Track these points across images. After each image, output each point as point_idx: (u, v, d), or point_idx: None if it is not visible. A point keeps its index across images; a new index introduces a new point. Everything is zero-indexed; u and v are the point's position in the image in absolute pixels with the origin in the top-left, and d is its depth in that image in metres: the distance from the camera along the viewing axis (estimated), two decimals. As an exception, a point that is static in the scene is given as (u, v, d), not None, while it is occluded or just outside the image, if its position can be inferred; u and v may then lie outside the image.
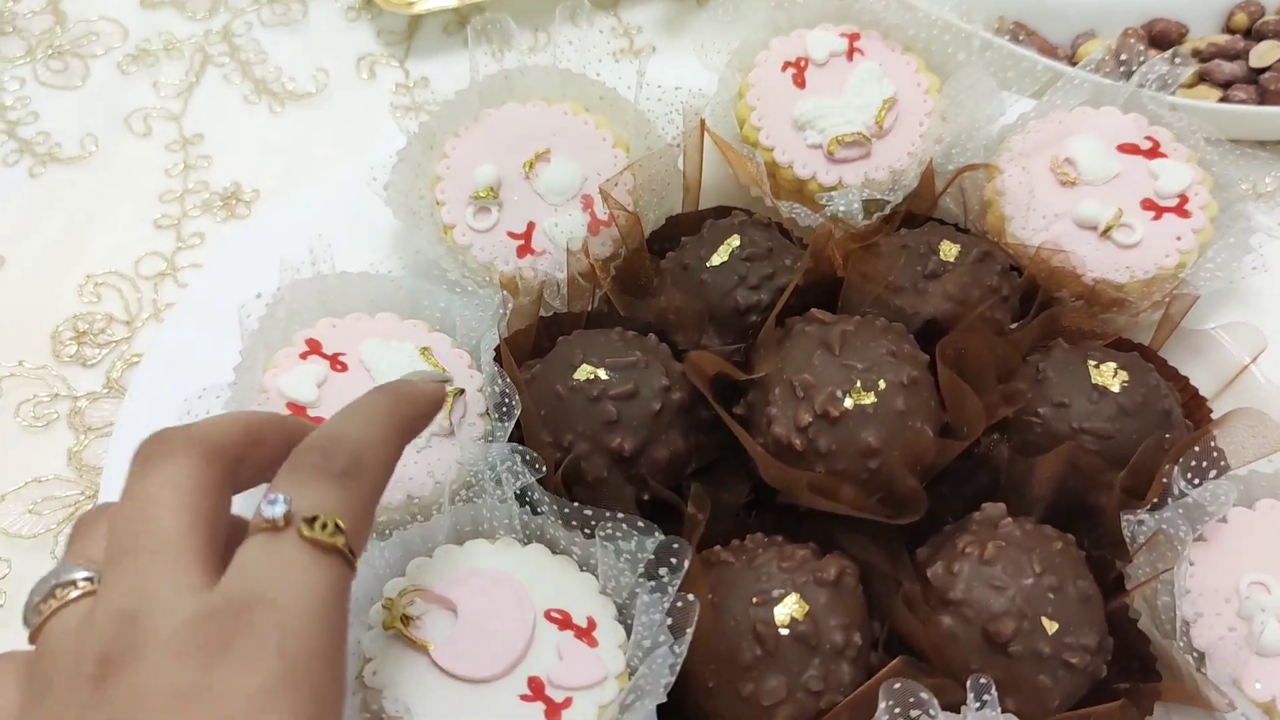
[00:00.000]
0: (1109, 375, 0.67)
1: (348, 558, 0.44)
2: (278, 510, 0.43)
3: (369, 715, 0.56)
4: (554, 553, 0.62)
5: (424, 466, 0.67)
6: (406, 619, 0.58)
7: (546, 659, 0.57)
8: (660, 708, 0.61)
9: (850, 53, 0.84)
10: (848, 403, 0.63)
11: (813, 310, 0.68)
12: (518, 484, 0.65)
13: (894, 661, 0.58)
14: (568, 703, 0.56)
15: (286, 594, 0.41)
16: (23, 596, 0.71)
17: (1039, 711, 0.58)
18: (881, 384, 0.63)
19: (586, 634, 0.58)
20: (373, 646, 0.58)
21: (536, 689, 0.56)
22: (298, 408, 0.68)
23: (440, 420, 0.67)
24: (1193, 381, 0.72)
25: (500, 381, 0.68)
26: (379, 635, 0.58)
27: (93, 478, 0.77)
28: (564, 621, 0.59)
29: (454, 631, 0.58)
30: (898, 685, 0.55)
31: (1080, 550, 0.63)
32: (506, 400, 0.68)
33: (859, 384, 0.63)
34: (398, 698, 0.56)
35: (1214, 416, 0.69)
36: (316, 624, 0.41)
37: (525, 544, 0.62)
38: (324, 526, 0.43)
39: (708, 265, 0.73)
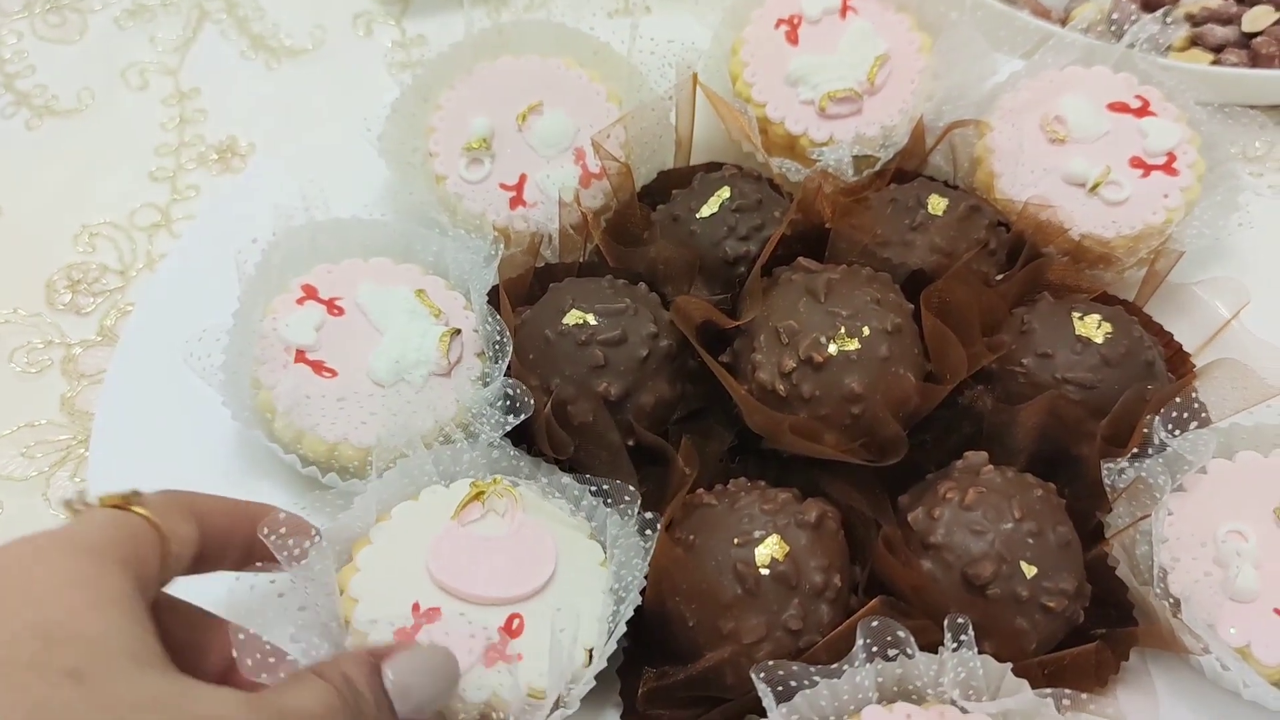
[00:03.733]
0: (1093, 327, 0.67)
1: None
2: None
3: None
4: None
5: (424, 405, 0.67)
6: (481, 494, 0.62)
7: (468, 618, 0.58)
8: (641, 649, 0.62)
9: (844, 10, 0.84)
10: (832, 349, 0.63)
11: (799, 259, 0.68)
12: (509, 427, 0.66)
13: (873, 601, 0.58)
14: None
15: None
16: (15, 535, 0.72)
17: (1017, 654, 0.58)
18: (865, 330, 0.64)
19: (502, 646, 0.58)
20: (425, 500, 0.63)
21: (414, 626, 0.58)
22: (297, 351, 0.69)
23: (438, 360, 0.68)
24: (1176, 337, 0.72)
25: (492, 321, 0.69)
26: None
27: (84, 423, 0.77)
28: (507, 626, 0.59)
29: (477, 544, 0.61)
30: (875, 623, 0.55)
31: (1061, 499, 0.64)
32: (500, 340, 0.69)
33: (843, 330, 0.64)
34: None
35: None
36: None
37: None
38: None
39: (698, 216, 0.74)
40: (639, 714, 0.60)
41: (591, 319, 0.67)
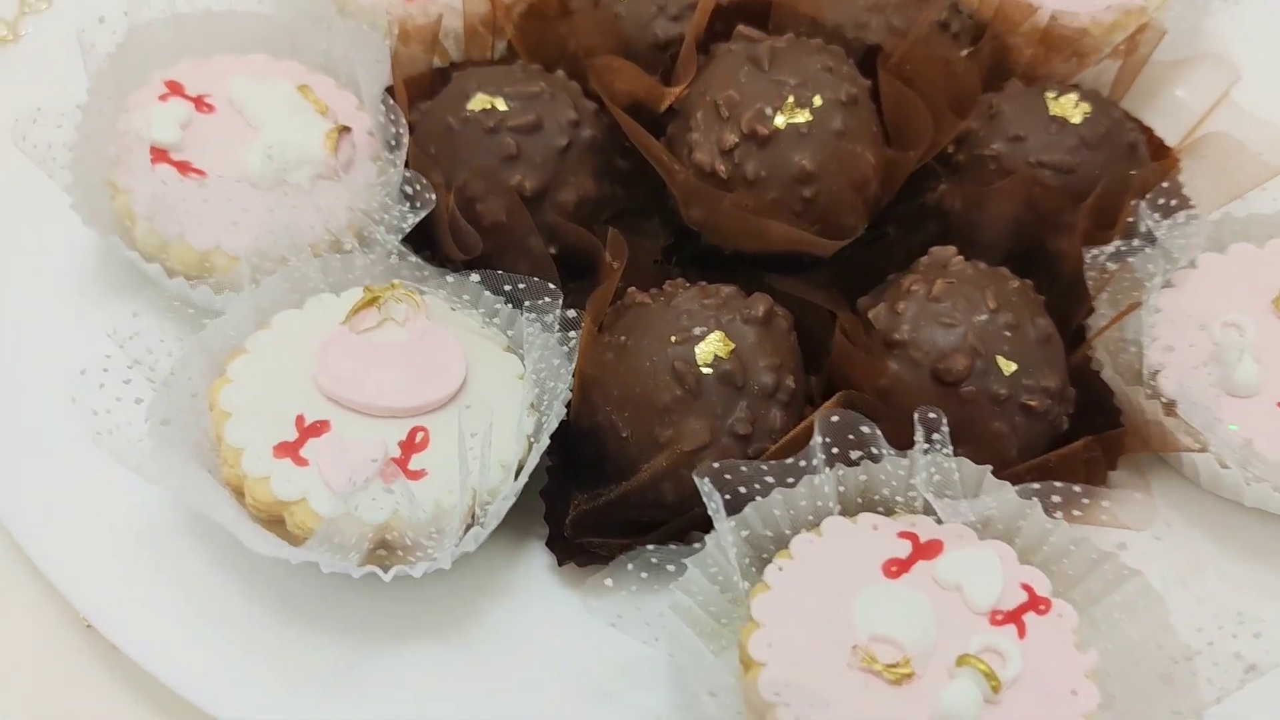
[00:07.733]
0: (1070, 106, 0.60)
1: None
2: None
3: None
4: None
5: (310, 207, 0.58)
6: (376, 300, 0.54)
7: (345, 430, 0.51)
8: (569, 473, 0.54)
9: None
10: (778, 120, 0.55)
11: (739, 28, 0.59)
12: (410, 225, 0.57)
13: (836, 395, 0.51)
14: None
15: None
16: None
17: (996, 461, 0.50)
18: (817, 100, 0.55)
19: (403, 462, 0.50)
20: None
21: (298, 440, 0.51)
22: (159, 151, 0.59)
23: (325, 159, 0.59)
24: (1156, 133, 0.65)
25: (386, 113, 0.60)
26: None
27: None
28: (409, 439, 0.51)
29: (373, 351, 0.53)
30: (835, 418, 0.48)
31: (1039, 295, 0.56)
32: (397, 132, 0.59)
33: (791, 100, 0.55)
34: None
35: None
36: None
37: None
38: None
39: (622, -1, 0.65)
40: (567, 540, 0.52)
41: (501, 104, 0.58)
